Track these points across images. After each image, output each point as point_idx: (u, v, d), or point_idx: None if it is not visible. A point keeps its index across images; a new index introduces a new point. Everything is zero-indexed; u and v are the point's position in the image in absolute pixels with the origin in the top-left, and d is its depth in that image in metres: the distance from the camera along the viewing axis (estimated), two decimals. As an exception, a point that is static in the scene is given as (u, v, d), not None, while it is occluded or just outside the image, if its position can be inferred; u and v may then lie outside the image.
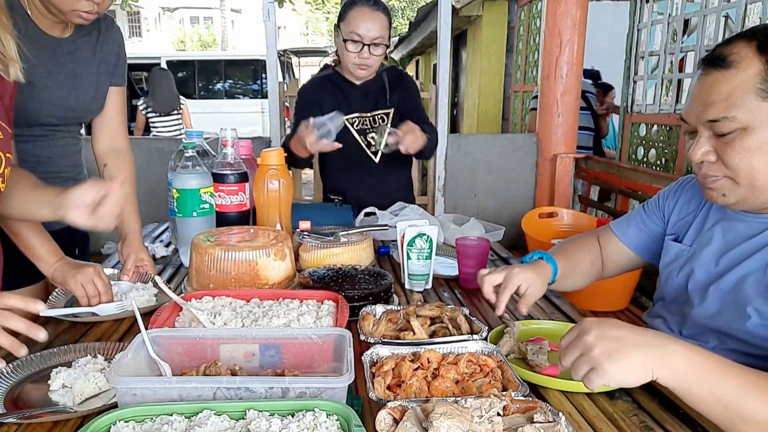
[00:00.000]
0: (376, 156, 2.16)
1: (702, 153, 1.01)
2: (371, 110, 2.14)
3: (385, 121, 2.15)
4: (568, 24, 3.46)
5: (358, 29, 1.95)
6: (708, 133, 1.00)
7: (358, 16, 1.95)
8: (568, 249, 1.39)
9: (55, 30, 1.43)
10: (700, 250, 1.16)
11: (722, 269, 1.11)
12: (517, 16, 4.67)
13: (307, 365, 0.94)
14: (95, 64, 1.52)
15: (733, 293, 1.08)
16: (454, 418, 0.71)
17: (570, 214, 3.27)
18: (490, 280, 1.21)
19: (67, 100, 1.48)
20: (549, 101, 3.61)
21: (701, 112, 0.99)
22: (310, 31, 31.27)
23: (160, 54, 10.27)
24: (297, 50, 12.64)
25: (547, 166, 3.72)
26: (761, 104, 0.93)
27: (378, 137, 2.00)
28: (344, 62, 2.05)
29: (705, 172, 1.03)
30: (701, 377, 0.79)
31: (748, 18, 2.65)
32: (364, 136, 2.14)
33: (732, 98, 0.95)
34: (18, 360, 0.99)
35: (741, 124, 0.95)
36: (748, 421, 0.78)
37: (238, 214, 1.62)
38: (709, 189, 1.05)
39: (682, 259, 1.21)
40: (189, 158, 1.57)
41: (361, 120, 2.14)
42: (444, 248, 1.80)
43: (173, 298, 1.09)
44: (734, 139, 0.97)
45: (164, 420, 0.74)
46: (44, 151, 1.52)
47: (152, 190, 3.80)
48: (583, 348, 0.82)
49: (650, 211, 1.33)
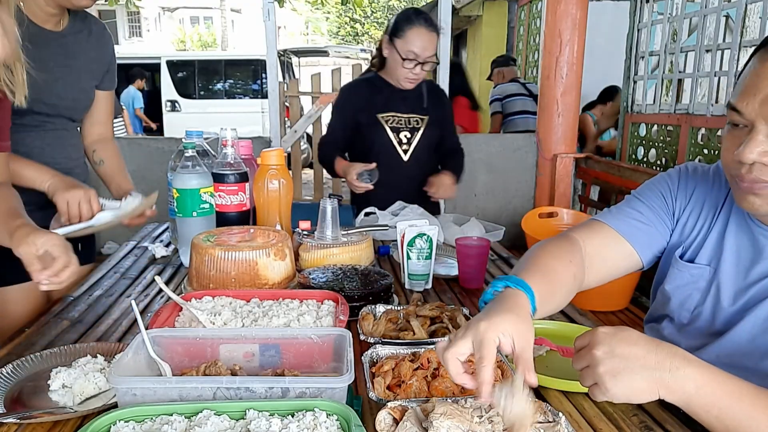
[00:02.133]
0: (406, 154, 2.25)
1: (759, 153, 0.86)
2: (407, 113, 2.25)
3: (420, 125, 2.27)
4: (568, 24, 3.46)
5: (415, 48, 2.06)
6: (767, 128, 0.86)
7: (416, 36, 2.05)
8: (542, 261, 1.02)
9: (48, 23, 1.50)
10: (724, 274, 1.02)
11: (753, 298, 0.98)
12: (517, 16, 4.67)
13: (307, 365, 0.94)
14: (84, 59, 1.59)
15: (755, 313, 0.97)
16: (454, 418, 0.71)
17: (570, 214, 3.27)
18: (455, 354, 0.78)
19: (55, 87, 1.52)
20: (549, 101, 3.61)
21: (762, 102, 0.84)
22: (310, 31, 31.26)
23: (160, 54, 10.26)
24: (297, 50, 12.63)
25: (547, 166, 3.72)
26: None
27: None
28: (394, 73, 2.17)
29: (756, 175, 0.88)
30: (710, 405, 0.75)
31: (748, 18, 2.65)
32: (397, 134, 2.23)
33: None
34: (18, 360, 0.99)
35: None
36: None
37: (238, 214, 1.62)
38: (754, 195, 0.90)
39: (705, 281, 1.06)
40: (189, 158, 1.57)
41: (396, 119, 2.24)
42: (444, 248, 1.80)
43: (173, 298, 1.09)
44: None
45: (164, 420, 0.74)
46: (36, 141, 1.55)
47: (152, 190, 3.81)
48: (590, 361, 0.79)
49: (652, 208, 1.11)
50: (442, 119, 2.31)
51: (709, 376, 0.76)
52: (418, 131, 2.25)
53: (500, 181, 3.88)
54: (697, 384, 0.76)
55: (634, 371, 0.76)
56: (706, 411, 0.76)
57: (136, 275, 1.56)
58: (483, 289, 1.48)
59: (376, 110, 2.22)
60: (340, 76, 4.43)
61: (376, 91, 2.23)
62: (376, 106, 2.22)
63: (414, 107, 2.25)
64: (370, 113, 2.22)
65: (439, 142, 2.32)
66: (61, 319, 1.25)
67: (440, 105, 2.32)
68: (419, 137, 2.25)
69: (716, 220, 1.06)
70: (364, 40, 27.44)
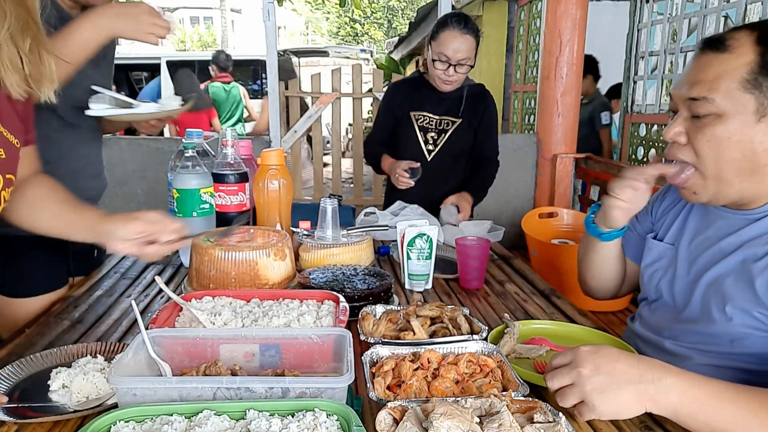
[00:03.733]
0: (430, 155, 2.29)
1: (675, 132, 1.01)
2: (441, 114, 2.28)
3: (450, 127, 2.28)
4: (568, 24, 3.46)
5: (447, 51, 2.08)
6: (686, 113, 1.00)
7: (447, 38, 2.08)
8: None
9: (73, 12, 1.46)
10: (682, 249, 1.14)
11: (701, 268, 1.08)
12: (517, 16, 4.67)
13: (307, 365, 0.94)
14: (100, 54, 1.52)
15: (710, 292, 1.05)
16: (455, 419, 0.71)
17: (570, 214, 3.27)
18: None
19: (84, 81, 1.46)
20: (549, 101, 3.61)
21: (686, 90, 0.99)
22: (310, 31, 31.27)
23: (160, 54, 10.26)
24: (297, 50, 12.63)
25: (547, 166, 3.72)
26: (742, 95, 0.93)
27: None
28: (431, 75, 2.21)
29: (672, 152, 1.03)
30: (696, 410, 0.78)
31: (748, 18, 2.65)
32: (424, 133, 2.29)
33: (717, 81, 0.94)
34: (18, 360, 0.99)
35: (717, 110, 0.94)
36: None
37: (238, 214, 1.62)
38: (683, 189, 1.05)
39: (666, 258, 1.17)
40: (189, 158, 1.57)
41: (427, 119, 2.29)
42: (444, 248, 1.80)
43: (173, 298, 1.09)
44: (707, 125, 0.96)
45: (164, 420, 0.74)
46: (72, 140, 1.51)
47: (152, 190, 3.81)
48: (576, 379, 0.80)
49: (643, 217, 1.28)
50: (478, 125, 2.30)
51: (688, 382, 0.80)
52: (446, 133, 2.28)
53: (500, 181, 3.84)
54: (679, 392, 0.79)
55: (620, 386, 0.79)
56: (693, 418, 0.79)
57: (136, 275, 1.56)
58: (483, 290, 1.49)
59: (410, 108, 2.29)
60: (340, 77, 4.43)
61: (416, 90, 2.30)
62: (411, 104, 2.29)
63: (449, 110, 2.28)
64: (404, 110, 2.30)
65: (471, 148, 2.32)
66: (61, 319, 1.25)
67: (479, 111, 2.30)
68: (445, 139, 2.27)
69: (684, 207, 1.18)
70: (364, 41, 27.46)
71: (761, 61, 0.92)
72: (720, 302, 1.03)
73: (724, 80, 0.94)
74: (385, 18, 27.81)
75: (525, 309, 1.37)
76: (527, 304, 1.40)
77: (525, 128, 4.43)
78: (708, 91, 0.95)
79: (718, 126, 0.95)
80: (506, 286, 1.54)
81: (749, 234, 1.02)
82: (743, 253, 1.01)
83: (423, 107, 2.29)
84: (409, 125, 2.29)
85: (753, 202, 1.02)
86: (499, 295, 1.47)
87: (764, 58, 0.92)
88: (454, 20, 2.11)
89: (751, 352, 1.00)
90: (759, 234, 1.01)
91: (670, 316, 1.15)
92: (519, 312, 1.35)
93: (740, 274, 1.00)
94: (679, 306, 1.13)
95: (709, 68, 0.96)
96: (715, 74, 0.95)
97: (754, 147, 0.94)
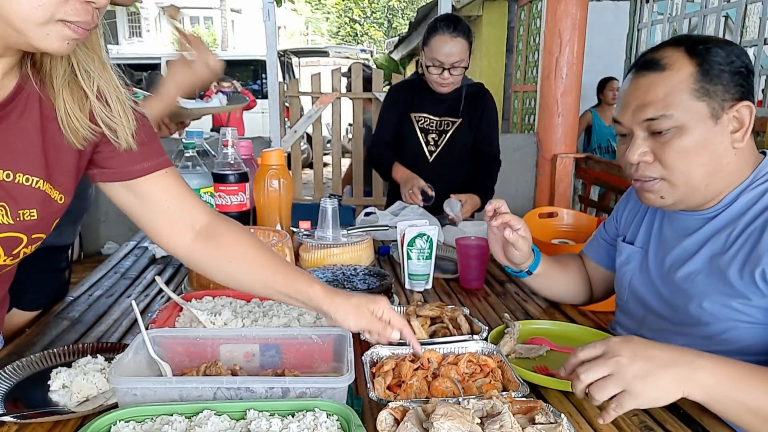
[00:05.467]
0: (432, 156, 2.30)
1: (639, 154, 1.02)
2: (440, 115, 2.28)
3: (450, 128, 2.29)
4: (568, 24, 3.46)
5: (439, 56, 2.09)
6: (644, 134, 1.02)
7: (438, 43, 2.08)
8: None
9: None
10: (651, 251, 1.17)
11: (670, 269, 1.11)
12: (517, 16, 4.67)
13: (307, 365, 0.94)
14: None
15: (683, 292, 1.07)
16: (455, 419, 0.71)
17: (570, 214, 3.25)
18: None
19: None
20: (549, 101, 3.61)
21: (638, 112, 1.01)
22: (310, 31, 31.27)
23: (160, 54, 10.25)
24: (297, 50, 12.64)
25: (547, 166, 3.72)
26: (696, 104, 0.97)
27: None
28: (427, 78, 2.22)
29: (642, 173, 1.04)
30: (731, 389, 0.80)
31: (748, 18, 2.66)
32: (425, 134, 2.30)
33: (669, 97, 0.98)
34: (18, 360, 0.99)
35: (677, 123, 0.98)
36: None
37: (238, 214, 1.62)
38: (647, 192, 1.06)
39: (636, 261, 1.20)
40: (189, 158, 1.57)
41: (427, 120, 2.29)
42: (444, 248, 1.79)
43: (173, 298, 1.09)
44: (671, 139, 0.99)
45: (164, 420, 0.74)
46: None
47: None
48: (615, 369, 0.79)
49: (609, 223, 1.32)
50: (478, 123, 2.29)
51: (719, 362, 0.82)
52: (446, 134, 2.28)
53: (500, 181, 3.84)
54: (713, 372, 0.81)
55: (660, 371, 0.80)
56: (729, 397, 0.80)
57: (137, 275, 1.56)
58: (483, 290, 1.49)
59: (411, 110, 2.30)
60: (340, 77, 4.42)
61: (415, 92, 2.31)
62: (412, 106, 2.30)
63: (449, 110, 2.28)
64: (405, 112, 2.30)
65: (473, 147, 2.31)
66: (61, 319, 1.25)
67: (478, 110, 2.29)
68: (446, 140, 2.28)
69: (648, 210, 1.21)
70: (363, 41, 27.45)
71: (701, 70, 0.97)
72: (697, 300, 1.04)
73: (676, 94, 0.98)
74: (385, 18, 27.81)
75: (525, 309, 1.37)
76: (527, 304, 1.40)
77: (525, 128, 4.43)
78: (664, 108, 0.98)
79: (684, 137, 0.98)
80: (506, 286, 1.54)
81: (709, 231, 1.06)
82: (709, 249, 1.04)
83: (423, 108, 2.29)
84: (409, 127, 2.29)
85: (707, 203, 1.05)
86: (499, 295, 1.47)
87: (702, 66, 0.97)
88: (443, 24, 2.10)
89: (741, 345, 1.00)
90: (718, 229, 1.04)
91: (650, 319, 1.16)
92: (519, 312, 1.35)
93: (711, 269, 1.03)
94: (654, 308, 1.15)
95: (656, 88, 0.99)
96: (664, 92, 0.98)
97: (716, 148, 0.99)
